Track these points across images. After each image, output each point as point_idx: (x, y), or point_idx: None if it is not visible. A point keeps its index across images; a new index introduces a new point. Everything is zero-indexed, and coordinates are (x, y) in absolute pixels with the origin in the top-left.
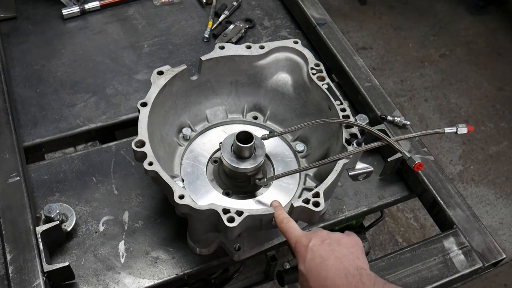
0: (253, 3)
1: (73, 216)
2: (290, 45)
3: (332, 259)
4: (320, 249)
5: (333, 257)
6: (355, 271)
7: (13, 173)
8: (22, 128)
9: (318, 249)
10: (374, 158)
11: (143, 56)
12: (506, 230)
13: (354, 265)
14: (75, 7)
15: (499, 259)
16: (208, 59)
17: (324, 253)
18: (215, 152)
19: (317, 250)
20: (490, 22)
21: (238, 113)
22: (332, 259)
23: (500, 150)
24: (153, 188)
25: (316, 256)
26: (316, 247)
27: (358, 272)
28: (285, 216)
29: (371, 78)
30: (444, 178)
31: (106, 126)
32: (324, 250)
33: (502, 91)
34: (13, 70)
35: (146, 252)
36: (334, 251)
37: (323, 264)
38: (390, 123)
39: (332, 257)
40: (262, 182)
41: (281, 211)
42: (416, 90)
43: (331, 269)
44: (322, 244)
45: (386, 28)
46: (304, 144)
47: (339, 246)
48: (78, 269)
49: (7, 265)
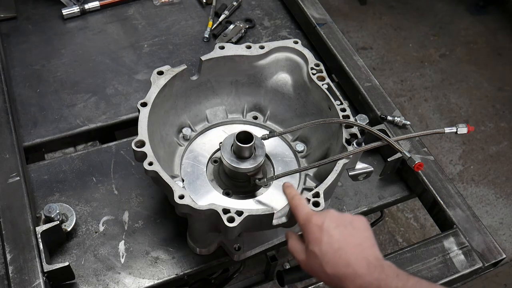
0: (253, 3)
1: (73, 216)
2: (290, 45)
3: (352, 246)
4: (336, 233)
5: (352, 244)
6: (376, 261)
7: (13, 173)
8: (22, 128)
9: (335, 233)
10: (374, 158)
11: (143, 56)
12: (506, 230)
13: (374, 255)
14: (75, 7)
15: (499, 259)
16: (208, 59)
17: (342, 238)
18: (215, 152)
19: (334, 234)
20: (490, 22)
21: (238, 113)
22: (351, 246)
23: (500, 150)
24: (153, 188)
25: (334, 241)
26: (332, 230)
27: (379, 263)
28: (296, 193)
29: (371, 78)
30: (444, 178)
31: (106, 126)
32: (341, 235)
33: (502, 91)
34: (13, 70)
35: (146, 252)
36: (352, 236)
37: (343, 251)
38: (390, 123)
39: (351, 244)
40: (262, 182)
41: (293, 188)
42: (416, 90)
43: (352, 257)
44: (337, 227)
45: (386, 28)
46: (304, 144)
47: (355, 230)
48: (78, 269)
49: (7, 265)
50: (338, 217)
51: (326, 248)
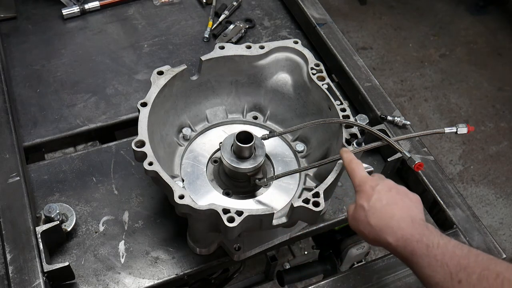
0: (253, 3)
1: (73, 216)
2: (290, 45)
3: (399, 207)
4: (387, 195)
5: (400, 205)
6: (421, 221)
7: (13, 173)
8: (22, 128)
9: (385, 194)
10: (374, 158)
11: (143, 56)
12: (506, 230)
13: (420, 216)
14: (75, 7)
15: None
16: (208, 59)
17: (391, 199)
18: (215, 152)
19: (384, 194)
20: (490, 22)
21: (238, 113)
22: (399, 207)
23: (500, 150)
24: (153, 188)
25: (383, 199)
26: (383, 191)
27: (424, 223)
28: (354, 157)
29: (371, 78)
30: (444, 178)
31: (106, 126)
32: (391, 197)
33: (502, 91)
34: (13, 70)
35: (146, 252)
36: (402, 200)
37: (389, 207)
38: (390, 123)
39: (399, 205)
40: (262, 182)
41: (350, 153)
42: (416, 90)
43: (397, 212)
44: (389, 191)
45: (386, 28)
46: (304, 144)
47: (406, 197)
48: (78, 269)
49: (7, 265)
50: (392, 185)
51: (375, 202)
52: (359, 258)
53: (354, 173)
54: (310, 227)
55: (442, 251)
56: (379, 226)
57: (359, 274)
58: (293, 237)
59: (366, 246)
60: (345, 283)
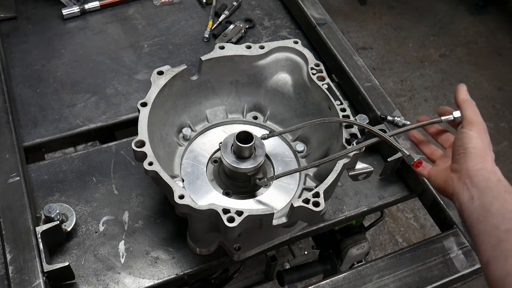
0: (253, 3)
1: (73, 216)
2: (290, 45)
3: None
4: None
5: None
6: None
7: (13, 173)
8: (22, 128)
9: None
10: (374, 158)
11: (143, 56)
12: None
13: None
14: (75, 7)
15: None
16: (208, 59)
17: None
18: (215, 152)
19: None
20: (490, 22)
21: (238, 113)
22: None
23: (500, 150)
24: (153, 188)
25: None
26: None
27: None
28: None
29: (371, 78)
30: None
31: (106, 126)
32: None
33: (502, 91)
34: (13, 70)
35: (146, 252)
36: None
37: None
38: (390, 123)
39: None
40: (262, 182)
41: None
42: (416, 90)
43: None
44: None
45: (386, 28)
46: (304, 144)
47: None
48: (78, 269)
49: (7, 265)
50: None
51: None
52: (359, 258)
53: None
54: (310, 227)
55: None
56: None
57: (359, 274)
58: (293, 237)
59: (366, 246)
60: (345, 283)
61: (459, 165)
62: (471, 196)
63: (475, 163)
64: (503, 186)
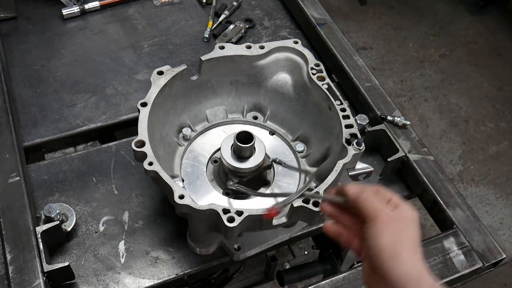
0: (253, 3)
1: (73, 216)
2: (290, 45)
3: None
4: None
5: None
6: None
7: (13, 173)
8: (22, 128)
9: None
10: (374, 158)
11: (143, 56)
12: (506, 230)
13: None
14: (75, 7)
15: (499, 259)
16: (208, 59)
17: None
18: (215, 152)
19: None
20: (490, 22)
21: (238, 113)
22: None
23: (500, 150)
24: (153, 188)
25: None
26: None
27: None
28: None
29: (371, 78)
30: (444, 178)
31: (106, 126)
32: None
33: (502, 91)
34: (13, 70)
35: (146, 252)
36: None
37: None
38: (390, 123)
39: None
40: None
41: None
42: (416, 90)
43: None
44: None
45: (386, 28)
46: (304, 144)
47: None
48: (78, 269)
49: (7, 265)
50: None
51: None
52: (359, 258)
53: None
54: (310, 227)
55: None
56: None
57: (359, 274)
58: (293, 237)
59: None
60: (345, 283)
61: (380, 272)
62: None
63: (395, 268)
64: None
